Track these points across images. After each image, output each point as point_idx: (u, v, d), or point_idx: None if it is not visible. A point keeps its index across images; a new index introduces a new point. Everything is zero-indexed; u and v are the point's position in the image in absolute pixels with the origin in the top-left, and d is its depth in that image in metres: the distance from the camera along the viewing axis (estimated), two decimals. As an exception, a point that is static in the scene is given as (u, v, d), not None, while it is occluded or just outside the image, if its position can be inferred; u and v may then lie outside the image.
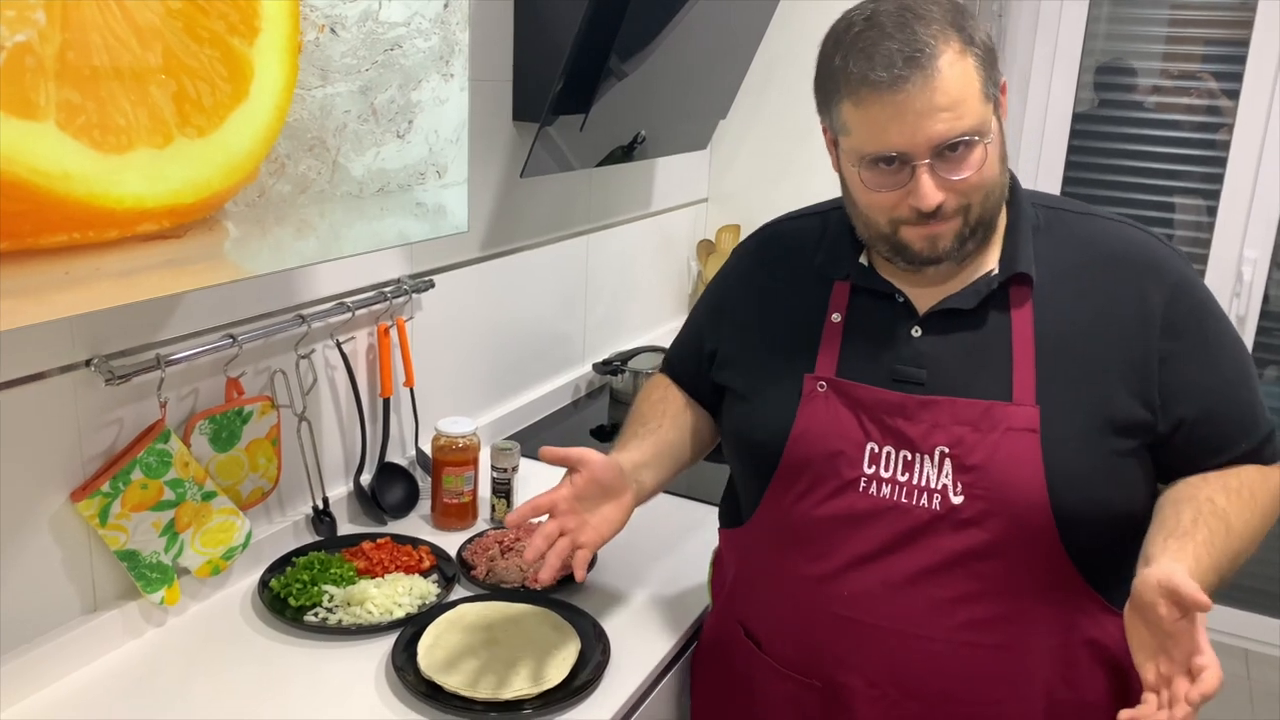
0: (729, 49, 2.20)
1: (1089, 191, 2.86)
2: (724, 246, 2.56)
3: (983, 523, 1.01)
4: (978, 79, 0.96)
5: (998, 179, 1.02)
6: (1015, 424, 1.01)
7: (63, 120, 0.82)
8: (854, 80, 0.96)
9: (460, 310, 1.76)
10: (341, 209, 1.15)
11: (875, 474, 1.06)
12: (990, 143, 0.98)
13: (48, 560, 1.14)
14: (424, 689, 1.13)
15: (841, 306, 1.11)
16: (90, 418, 1.15)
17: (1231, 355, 1.07)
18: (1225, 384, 1.05)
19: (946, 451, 1.02)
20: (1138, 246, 1.07)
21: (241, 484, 1.34)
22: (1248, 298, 2.73)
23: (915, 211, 0.99)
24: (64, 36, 0.81)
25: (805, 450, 1.08)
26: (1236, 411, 1.06)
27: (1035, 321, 1.04)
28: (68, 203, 0.84)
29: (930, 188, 0.97)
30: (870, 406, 1.06)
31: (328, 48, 1.08)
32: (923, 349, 1.06)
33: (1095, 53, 2.83)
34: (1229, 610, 2.91)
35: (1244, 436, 1.06)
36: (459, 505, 1.55)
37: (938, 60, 0.93)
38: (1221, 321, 1.08)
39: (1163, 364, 1.02)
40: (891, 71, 0.93)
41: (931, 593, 1.04)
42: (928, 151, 0.96)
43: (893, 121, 0.95)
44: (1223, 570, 0.98)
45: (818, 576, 1.09)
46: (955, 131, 0.95)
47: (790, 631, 1.14)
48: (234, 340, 1.28)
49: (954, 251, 1.03)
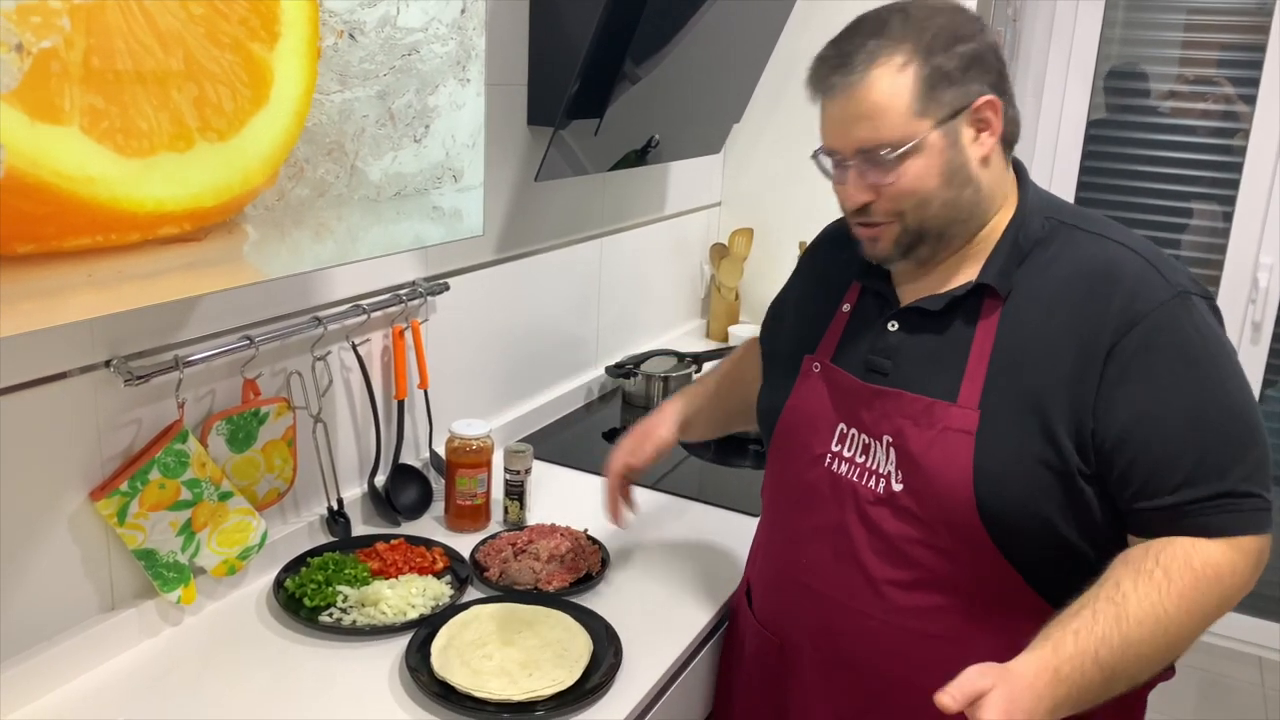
0: (743, 53, 2.21)
1: (1103, 198, 2.85)
2: (737, 250, 2.57)
3: (918, 513, 1.07)
4: (908, 94, 1.01)
5: (934, 192, 1.04)
6: (953, 424, 1.05)
7: (87, 125, 0.83)
8: (811, 78, 1.08)
9: (474, 313, 1.77)
10: (359, 212, 1.16)
11: (839, 452, 1.14)
12: (919, 155, 1.02)
13: (67, 559, 1.15)
14: (437, 689, 1.14)
15: (853, 299, 1.20)
16: (109, 418, 1.17)
17: (1187, 395, 0.99)
18: (1168, 423, 0.98)
19: (891, 440, 1.09)
20: (1126, 271, 1.03)
21: (257, 484, 1.35)
22: (1264, 304, 2.71)
23: (852, 210, 1.09)
24: (88, 42, 0.82)
25: (792, 422, 1.20)
26: (1172, 455, 0.98)
27: (997, 334, 1.06)
28: (91, 206, 0.85)
29: (854, 186, 1.06)
30: (841, 390, 1.15)
31: (346, 53, 1.09)
32: (894, 343, 1.13)
33: (1110, 58, 2.82)
34: (1242, 617, 2.89)
35: (1177, 486, 0.98)
36: (472, 507, 1.56)
37: (868, 73, 1.01)
38: (1190, 364, 0.99)
39: (1113, 386, 0.99)
40: (826, 80, 1.04)
41: (874, 572, 1.10)
42: (852, 153, 1.05)
43: (827, 122, 1.07)
44: (1106, 661, 0.92)
45: (788, 539, 1.21)
46: (873, 140, 1.02)
47: (767, 590, 1.26)
48: (251, 342, 1.29)
49: (895, 255, 1.10)
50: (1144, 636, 0.93)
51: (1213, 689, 2.76)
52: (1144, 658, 0.94)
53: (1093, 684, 0.92)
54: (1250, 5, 2.63)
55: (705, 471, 1.85)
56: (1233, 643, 2.91)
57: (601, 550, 1.47)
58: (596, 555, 1.46)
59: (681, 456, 1.87)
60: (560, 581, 1.38)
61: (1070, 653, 0.92)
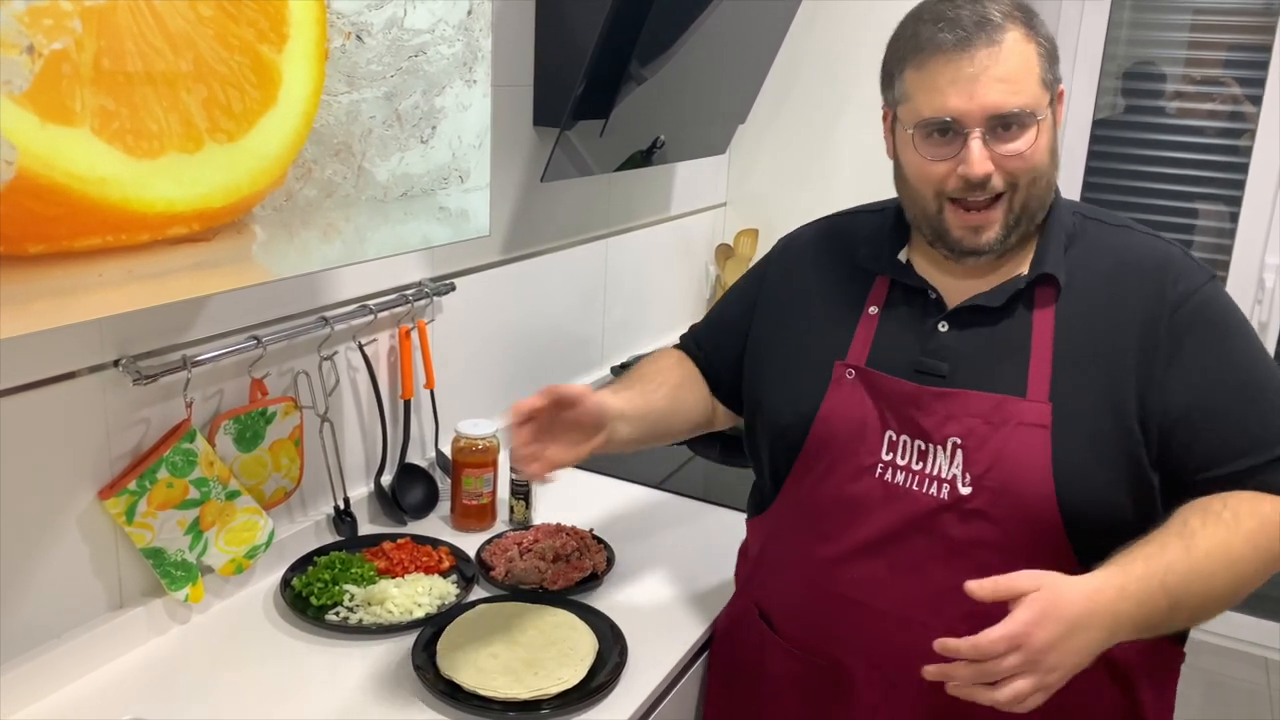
0: (748, 54, 2.21)
1: (1110, 198, 2.84)
2: (743, 251, 2.57)
3: (989, 514, 1.03)
4: (1038, 65, 1.02)
5: (1047, 169, 1.05)
6: (1026, 419, 1.03)
7: (98, 126, 0.84)
8: (922, 42, 1.02)
9: (481, 313, 1.77)
10: (366, 213, 1.17)
11: (892, 461, 1.09)
12: (1043, 128, 1.02)
13: (75, 557, 1.16)
14: (443, 688, 1.14)
15: (880, 300, 1.15)
16: (118, 417, 1.17)
17: (1239, 368, 1.04)
18: (1223, 394, 1.02)
19: (958, 443, 1.05)
20: (1162, 257, 1.08)
21: (265, 483, 1.36)
22: (1270, 304, 2.71)
23: (964, 183, 1.03)
24: (99, 44, 0.83)
25: (827, 433, 1.12)
26: (1233, 424, 1.02)
27: (1056, 323, 1.06)
28: (102, 206, 0.86)
29: (981, 155, 1.01)
30: (890, 396, 1.10)
31: (354, 54, 1.09)
32: (947, 343, 1.09)
33: (1116, 58, 2.81)
34: (1248, 619, 2.89)
35: (1240, 453, 1.01)
36: (478, 506, 1.56)
37: (1005, 34, 0.99)
38: (1236, 337, 1.05)
39: (1166, 368, 1.03)
40: (958, 33, 0.99)
41: (935, 581, 1.06)
42: (982, 119, 1.00)
43: (953, 85, 1.00)
44: (1173, 587, 0.92)
45: (829, 558, 1.12)
46: (1011, 104, 1.00)
47: (801, 611, 1.17)
48: (258, 342, 1.29)
49: (997, 244, 1.06)
50: (1212, 569, 0.94)
51: (1219, 690, 2.76)
52: (1211, 591, 0.95)
53: (1158, 608, 0.92)
54: (1257, 5, 2.63)
55: (710, 471, 1.85)
56: (1239, 644, 2.91)
57: (607, 550, 1.48)
58: (602, 555, 1.46)
59: (687, 457, 1.88)
60: (566, 581, 1.39)
61: (1139, 573, 0.92)
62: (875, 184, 1.32)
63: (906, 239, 1.17)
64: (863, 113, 2.41)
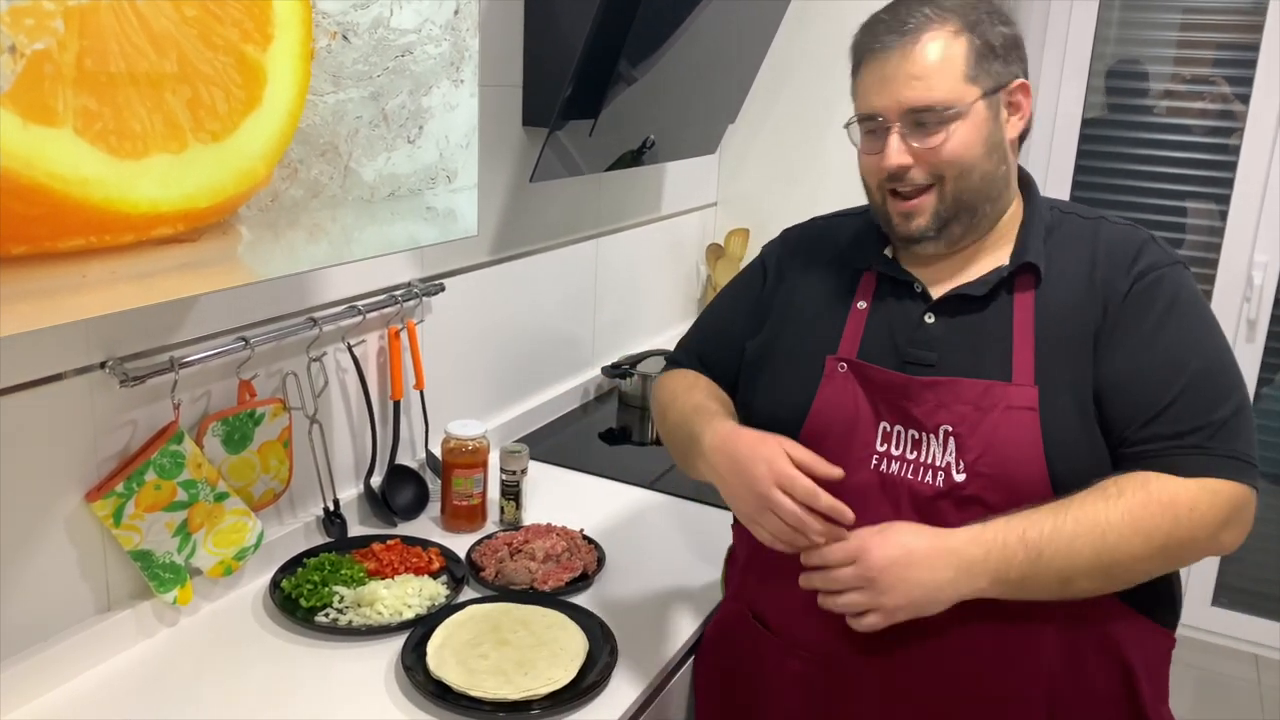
0: (737, 53, 2.21)
1: (1099, 196, 2.85)
2: (733, 250, 2.57)
3: (984, 499, 1.05)
4: (962, 60, 1.05)
5: (976, 161, 1.07)
6: (1015, 403, 1.05)
7: (80, 126, 0.84)
8: (860, 49, 1.10)
9: (470, 313, 1.77)
10: (353, 213, 1.16)
11: (886, 451, 1.11)
12: (965, 121, 1.05)
13: (62, 560, 1.15)
14: (433, 689, 1.14)
15: (867, 295, 1.18)
16: (105, 419, 1.17)
17: (1179, 346, 1.04)
18: (1152, 367, 1.04)
19: (950, 430, 1.07)
20: (1132, 241, 1.11)
21: (253, 485, 1.35)
22: (1258, 302, 2.72)
23: (887, 174, 1.08)
24: (82, 44, 0.83)
25: (822, 426, 1.13)
26: (1153, 397, 1.03)
27: (1036, 308, 1.09)
28: (85, 207, 0.85)
29: (895, 149, 1.06)
30: (881, 387, 1.11)
31: (340, 54, 1.09)
32: (934, 333, 1.11)
33: (1105, 57, 2.82)
34: (1237, 615, 2.90)
35: (1140, 423, 1.02)
36: (468, 507, 1.56)
37: (921, 35, 1.05)
38: (1184, 317, 1.06)
39: (1111, 334, 1.06)
40: (883, 39, 1.06)
41: None
42: (898, 114, 1.06)
43: (874, 84, 1.07)
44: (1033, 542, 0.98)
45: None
46: (924, 100, 1.04)
47: (798, 609, 1.16)
48: (246, 343, 1.29)
49: (931, 230, 1.10)
50: (1078, 531, 0.98)
51: (1209, 687, 2.77)
52: (1079, 556, 0.98)
53: (1014, 560, 0.99)
54: (1245, 4, 2.64)
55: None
56: (1229, 640, 2.92)
57: (597, 550, 1.48)
58: (592, 555, 1.46)
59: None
60: (556, 581, 1.39)
61: (999, 525, 1.00)
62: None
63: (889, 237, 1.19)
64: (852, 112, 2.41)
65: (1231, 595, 2.92)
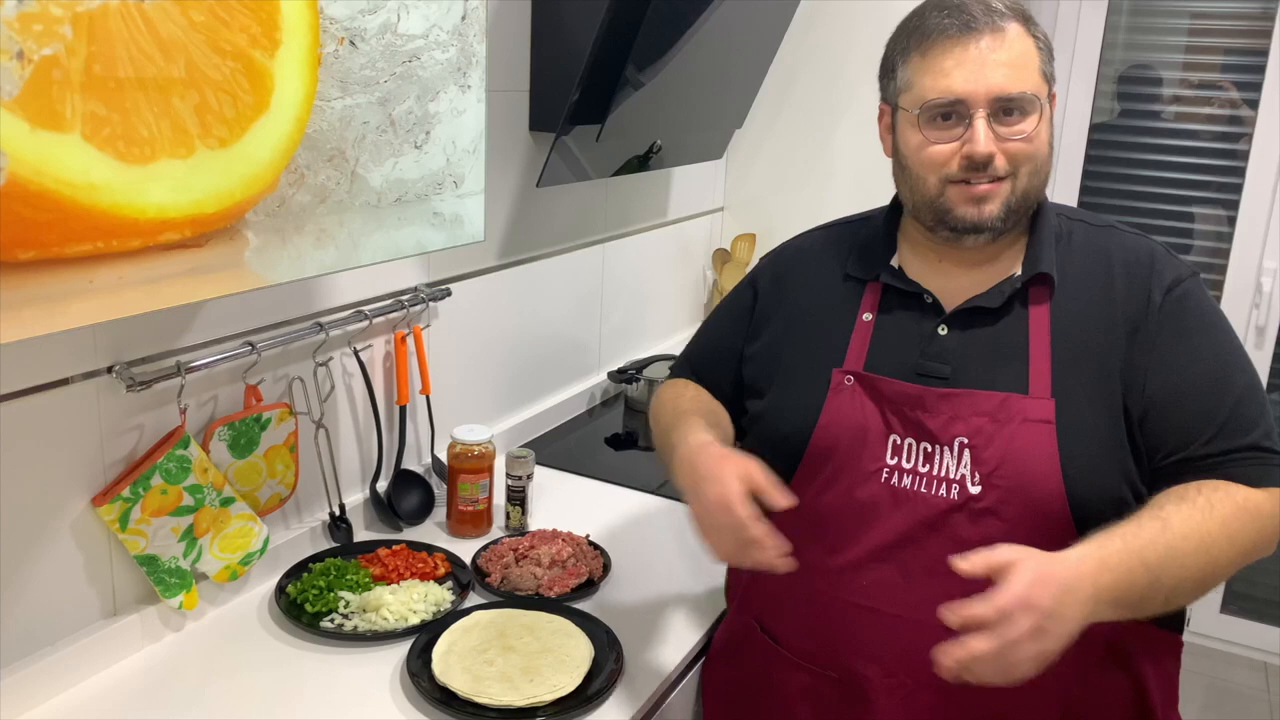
0: (744, 59, 2.21)
1: (1107, 202, 2.84)
2: (739, 255, 2.57)
3: (999, 512, 1.04)
4: (1038, 57, 1.06)
5: (1045, 159, 1.08)
6: (1031, 415, 1.04)
7: (88, 132, 0.84)
8: (929, 29, 1.05)
9: (477, 319, 1.77)
10: (360, 218, 1.16)
11: (897, 465, 1.09)
12: (1044, 115, 1.05)
13: (69, 564, 1.15)
14: (438, 695, 1.14)
15: (873, 306, 1.16)
16: (112, 424, 1.17)
17: (1213, 358, 1.06)
18: (1195, 382, 1.04)
19: (965, 442, 1.06)
20: (1147, 253, 1.11)
21: (259, 490, 1.35)
22: (1267, 308, 2.71)
23: (967, 163, 1.05)
24: (90, 50, 0.83)
25: (830, 440, 1.12)
26: (1203, 410, 1.03)
27: (1052, 320, 1.08)
28: (93, 213, 0.86)
29: (986, 134, 1.03)
30: (893, 399, 1.10)
31: (347, 60, 1.09)
32: (948, 345, 1.10)
33: (1114, 62, 2.81)
34: (1248, 623, 2.88)
35: (1208, 439, 1.03)
36: (474, 513, 1.56)
37: (1008, 24, 1.04)
38: (1212, 330, 1.07)
39: (1147, 355, 1.05)
40: (964, 18, 1.03)
41: (949, 583, 1.03)
42: (986, 101, 1.03)
43: (959, 66, 1.03)
44: (1153, 564, 0.93)
45: (837, 567, 1.11)
46: (1015, 87, 1.03)
47: (807, 623, 1.15)
48: (253, 348, 1.29)
49: (999, 220, 1.07)
50: (1188, 550, 0.95)
51: (1219, 695, 2.75)
52: (1186, 571, 0.95)
53: (1138, 583, 0.92)
54: (1254, 9, 2.63)
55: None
56: (1238, 648, 2.90)
57: (603, 556, 1.47)
58: (598, 561, 1.46)
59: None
60: (562, 587, 1.38)
61: (1118, 548, 0.93)
62: (872, 187, 1.32)
63: (895, 247, 1.19)
64: (859, 117, 2.41)
65: (1241, 603, 2.91)
